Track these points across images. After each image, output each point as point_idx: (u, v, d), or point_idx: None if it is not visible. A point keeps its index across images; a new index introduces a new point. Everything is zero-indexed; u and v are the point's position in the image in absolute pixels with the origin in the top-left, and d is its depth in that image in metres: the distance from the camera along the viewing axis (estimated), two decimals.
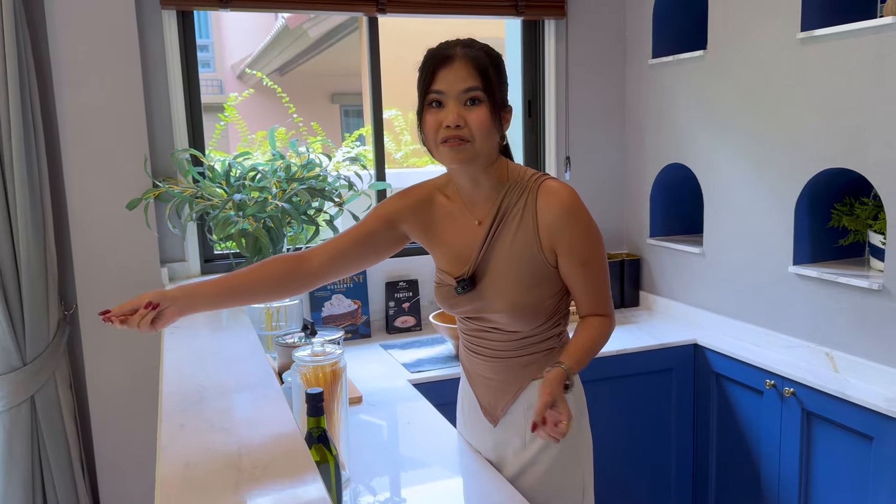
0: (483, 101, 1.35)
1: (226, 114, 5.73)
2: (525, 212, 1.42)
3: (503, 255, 1.44)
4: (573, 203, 1.41)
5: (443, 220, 1.51)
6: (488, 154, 1.40)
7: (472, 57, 1.36)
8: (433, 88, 1.36)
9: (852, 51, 2.04)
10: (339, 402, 1.56)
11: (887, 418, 1.89)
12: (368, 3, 2.60)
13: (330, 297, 2.67)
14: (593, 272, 1.44)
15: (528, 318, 1.45)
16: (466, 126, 1.35)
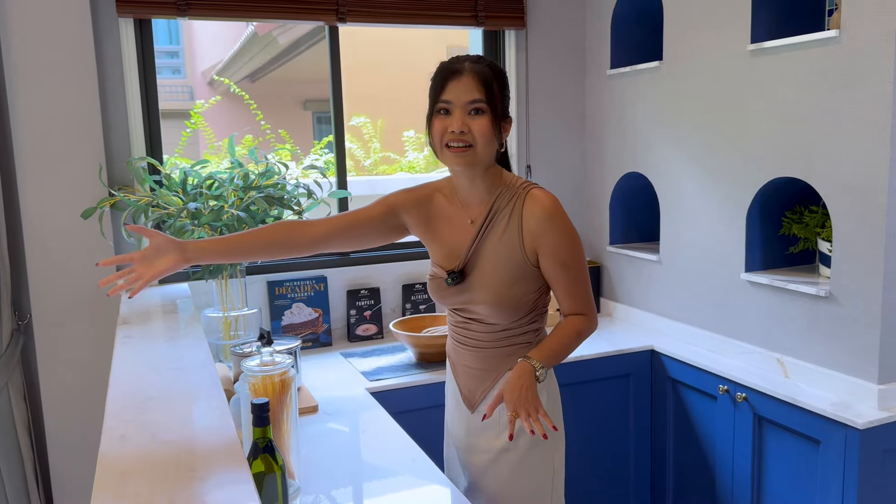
0: (485, 112, 1.51)
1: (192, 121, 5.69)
2: (512, 215, 1.56)
3: (490, 253, 1.58)
4: (554, 210, 1.55)
5: (440, 217, 1.66)
6: (487, 159, 1.55)
7: (478, 72, 1.52)
8: (442, 98, 1.52)
9: (800, 62, 2.09)
10: (288, 412, 1.56)
11: (833, 422, 1.93)
12: (328, 12, 2.61)
13: (290, 306, 2.66)
14: (573, 273, 1.57)
15: (509, 312, 1.58)
16: (470, 133, 1.50)
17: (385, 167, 6.14)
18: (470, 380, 1.67)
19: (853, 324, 1.99)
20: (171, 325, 2.05)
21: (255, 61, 9.14)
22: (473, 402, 1.68)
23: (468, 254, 1.59)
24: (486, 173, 1.58)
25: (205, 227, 2.18)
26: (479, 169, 1.56)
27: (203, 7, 2.44)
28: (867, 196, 1.92)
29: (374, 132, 6.03)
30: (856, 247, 1.97)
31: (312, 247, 1.67)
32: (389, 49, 7.78)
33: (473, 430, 1.68)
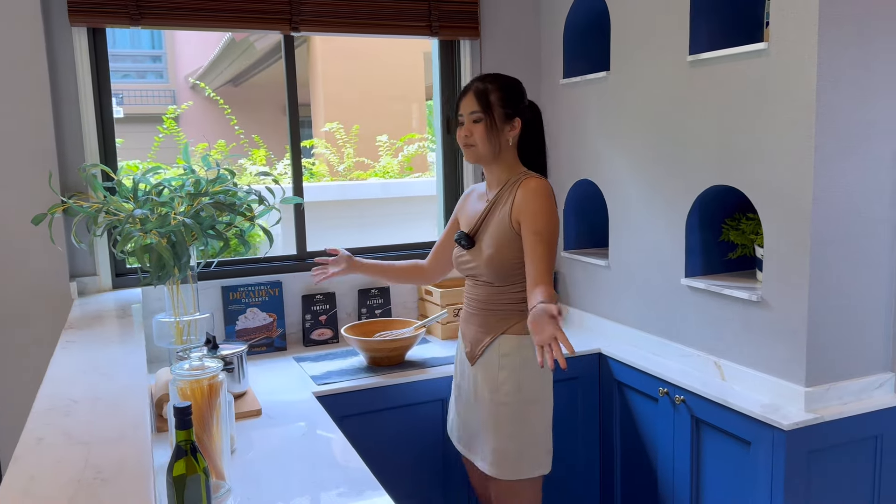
0: (482, 119, 1.96)
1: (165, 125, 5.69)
2: (509, 197, 1.97)
3: (491, 225, 2.00)
4: (539, 189, 1.93)
5: (472, 201, 2.15)
6: (490, 154, 1.99)
7: (477, 89, 1.98)
8: (458, 113, 2.02)
9: (734, 74, 2.15)
10: (218, 416, 1.59)
11: (762, 424, 1.99)
12: (282, 21, 2.65)
13: (244, 311, 2.70)
14: (541, 243, 1.89)
15: (499, 272, 1.98)
16: (472, 136, 1.97)
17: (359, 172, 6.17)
18: (473, 337, 2.06)
19: (783, 328, 2.04)
20: (116, 330, 2.09)
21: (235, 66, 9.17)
22: (475, 356, 2.06)
23: (478, 224, 2.03)
24: (498, 165, 2.02)
25: (152, 232, 2.21)
26: (487, 161, 2.01)
27: (156, 16, 2.48)
28: (794, 204, 1.98)
29: (349, 138, 6.06)
30: (784, 253, 2.02)
31: (428, 279, 2.36)
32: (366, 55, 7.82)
33: (477, 379, 2.05)
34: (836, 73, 1.91)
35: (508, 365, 1.99)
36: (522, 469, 2.00)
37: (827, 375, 2.01)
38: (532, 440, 2.00)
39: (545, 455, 2.03)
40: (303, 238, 2.90)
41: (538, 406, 2.01)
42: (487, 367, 2.01)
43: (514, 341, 2.00)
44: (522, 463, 2.00)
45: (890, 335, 2.08)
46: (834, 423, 1.98)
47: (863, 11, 1.92)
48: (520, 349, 1.99)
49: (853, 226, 2.00)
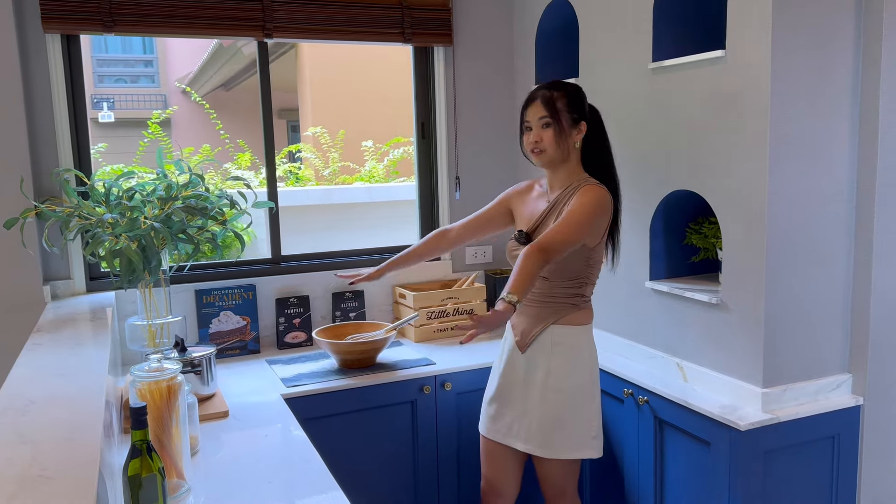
0: (551, 125, 2.06)
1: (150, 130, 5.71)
2: (570, 200, 2.07)
3: (549, 225, 2.08)
4: (591, 191, 2.05)
5: (531, 199, 2.25)
6: (559, 158, 2.10)
7: (544, 96, 2.08)
8: (525, 120, 2.12)
9: (694, 80, 2.19)
10: (177, 417, 1.62)
11: (720, 424, 2.02)
12: (255, 28, 2.69)
13: (218, 314, 2.73)
14: (565, 220, 2.00)
15: (555, 269, 2.06)
16: (542, 141, 2.07)
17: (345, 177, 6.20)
18: (524, 327, 2.15)
19: (740, 330, 2.08)
20: (84, 333, 2.11)
21: (225, 71, 9.20)
22: (525, 345, 2.15)
23: (537, 221, 2.15)
24: (563, 169, 2.13)
25: (122, 236, 2.24)
26: (555, 165, 2.12)
27: (129, 24, 2.51)
28: (750, 208, 2.02)
29: (334, 142, 6.09)
30: (741, 256, 2.06)
31: (453, 245, 2.44)
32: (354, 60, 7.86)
33: (528, 367, 2.15)
34: (790, 79, 1.95)
35: (560, 353, 2.11)
36: (568, 449, 2.11)
37: (784, 377, 2.05)
38: (581, 423, 2.12)
39: (592, 439, 2.14)
40: (277, 242, 2.93)
41: (588, 393, 2.13)
42: (539, 355, 2.13)
43: (565, 331, 2.12)
44: (569, 443, 2.11)
45: (847, 337, 2.12)
46: (790, 423, 2.01)
47: (814, 19, 1.96)
48: (571, 338, 2.12)
49: (809, 229, 2.04)
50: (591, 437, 2.14)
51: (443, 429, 2.55)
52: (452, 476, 2.59)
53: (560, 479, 2.18)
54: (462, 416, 2.57)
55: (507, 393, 2.20)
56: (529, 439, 2.14)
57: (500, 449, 2.23)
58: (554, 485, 2.19)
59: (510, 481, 2.26)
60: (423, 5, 2.91)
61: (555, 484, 2.19)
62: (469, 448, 2.60)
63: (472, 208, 3.09)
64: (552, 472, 2.17)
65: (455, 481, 2.60)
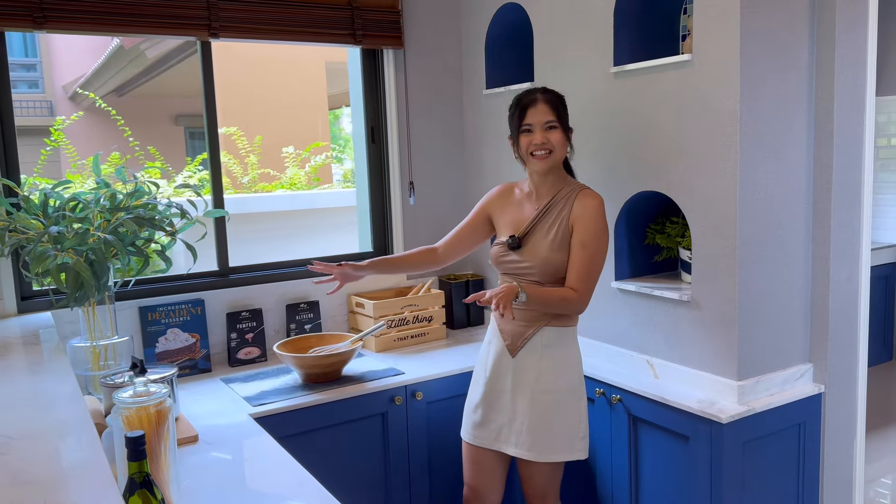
0: (558, 127, 2.08)
1: (52, 138, 5.31)
2: (566, 205, 2.09)
3: (544, 229, 2.10)
4: (596, 204, 2.08)
5: (513, 204, 2.22)
6: (560, 161, 2.13)
7: (548, 100, 2.09)
8: (525, 122, 2.09)
9: (658, 84, 2.24)
10: (166, 444, 1.49)
11: (699, 418, 2.07)
12: (200, 27, 2.54)
13: (165, 332, 2.55)
14: (586, 254, 2.05)
15: (551, 272, 2.08)
16: (549, 142, 2.07)
17: (264, 184, 6.00)
18: (514, 331, 2.13)
19: (713, 326, 2.14)
20: (34, 357, 1.92)
21: (122, 75, 8.70)
22: (516, 348, 2.13)
23: (529, 226, 2.11)
24: (556, 173, 2.14)
25: (69, 251, 2.05)
26: (555, 168, 2.12)
27: (63, 20, 2.31)
28: (721, 208, 2.09)
29: (252, 148, 5.88)
30: (712, 255, 2.13)
31: (440, 263, 2.36)
32: (266, 63, 7.64)
33: (519, 370, 2.13)
34: (757, 84, 2.03)
35: (550, 355, 2.11)
36: (558, 451, 2.11)
37: (756, 369, 2.13)
38: (570, 425, 2.12)
39: (580, 440, 2.14)
40: (224, 253, 2.78)
41: (576, 394, 2.13)
42: (529, 358, 2.11)
43: (555, 332, 2.11)
44: (559, 445, 2.11)
45: (808, 328, 2.23)
46: (764, 413, 2.09)
47: (778, 26, 2.05)
48: (560, 339, 2.12)
49: (774, 227, 2.12)
50: (579, 437, 2.14)
51: (414, 440, 2.48)
52: (425, 488, 2.53)
53: (546, 481, 2.17)
54: (432, 426, 2.52)
55: (496, 398, 2.17)
56: (520, 443, 2.12)
57: (487, 455, 2.20)
58: (539, 487, 2.18)
59: (495, 487, 2.23)
60: (373, 7, 2.84)
61: (540, 486, 2.18)
62: (440, 458, 2.55)
63: (428, 213, 3.06)
64: (538, 474, 2.16)
65: (427, 493, 2.54)
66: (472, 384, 2.26)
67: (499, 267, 2.18)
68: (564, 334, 2.13)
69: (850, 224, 2.20)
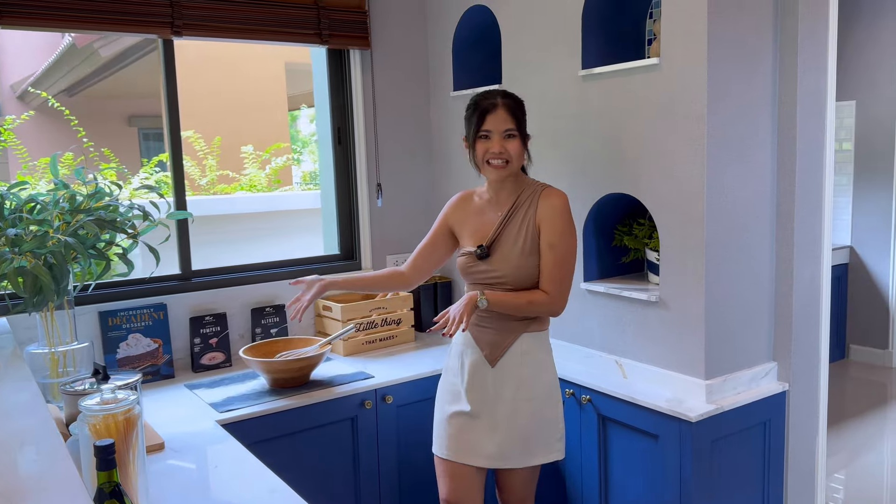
0: (516, 136, 2.01)
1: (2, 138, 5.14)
2: (530, 206, 2.04)
3: (511, 234, 2.04)
4: (560, 203, 2.03)
5: (474, 212, 2.15)
6: (518, 168, 2.06)
7: (508, 105, 2.01)
8: (483, 128, 2.01)
9: (626, 87, 2.27)
10: (135, 452, 1.45)
11: (668, 417, 2.10)
12: (163, 25, 2.48)
13: (126, 337, 2.48)
14: (555, 255, 2.00)
15: (524, 277, 2.02)
16: (507, 152, 2.00)
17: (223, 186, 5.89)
18: (491, 341, 2.07)
19: (680, 326, 2.17)
20: None
21: (74, 74, 8.46)
22: (496, 358, 2.07)
23: (495, 234, 2.05)
24: (517, 178, 2.08)
25: (27, 254, 1.98)
26: (513, 176, 2.05)
27: (17, 16, 2.23)
28: (689, 210, 2.12)
29: (210, 149, 5.77)
30: (680, 256, 2.16)
31: (409, 284, 2.29)
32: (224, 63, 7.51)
33: (498, 381, 2.07)
34: (723, 88, 2.07)
35: (530, 362, 2.07)
36: (537, 455, 2.09)
37: (723, 368, 2.16)
38: (549, 428, 2.10)
39: (557, 441, 2.12)
40: (187, 256, 2.72)
41: (553, 398, 2.11)
42: (510, 367, 2.07)
43: (532, 338, 2.08)
44: (539, 449, 2.08)
45: (772, 327, 2.28)
46: (731, 412, 2.12)
47: (743, 31, 2.10)
48: (537, 344, 2.09)
49: (740, 228, 2.16)
50: (556, 438, 2.12)
51: (384, 444, 2.46)
52: (395, 491, 2.50)
53: (525, 486, 2.16)
54: (402, 430, 2.50)
55: (476, 410, 2.08)
56: (502, 455, 2.06)
57: (464, 468, 2.11)
58: (518, 492, 2.16)
59: (476, 498, 2.14)
60: (340, 7, 2.82)
61: (519, 492, 2.16)
62: (411, 462, 2.53)
63: (395, 215, 3.04)
64: (518, 480, 2.14)
65: (397, 497, 2.52)
66: (442, 397, 2.18)
67: (467, 277, 2.12)
68: (541, 339, 2.10)
69: (813, 225, 2.25)
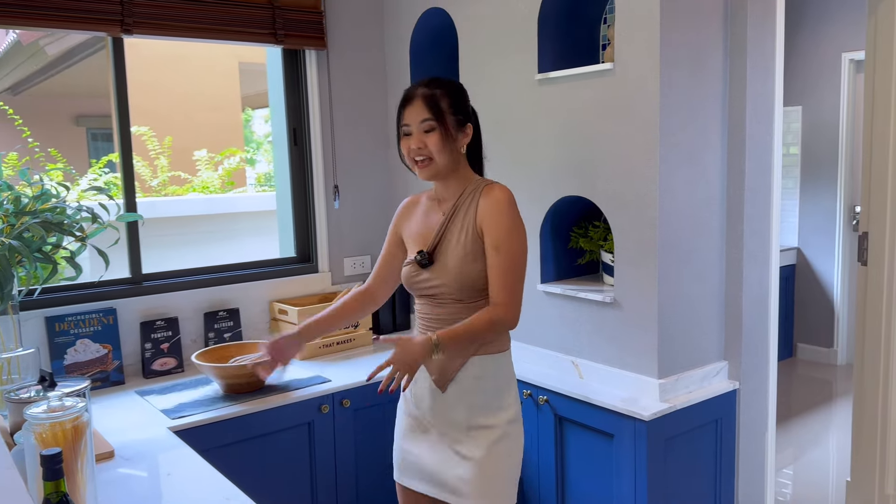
0: (435, 129, 1.76)
1: None
2: (471, 206, 1.80)
3: (453, 239, 1.80)
4: (502, 199, 1.78)
5: (420, 214, 1.93)
6: (448, 166, 1.80)
7: (425, 95, 1.77)
8: (402, 122, 1.80)
9: (581, 91, 2.29)
10: (83, 461, 1.41)
11: (623, 416, 2.13)
12: (112, 23, 2.42)
13: (74, 343, 2.41)
14: (503, 259, 1.75)
15: (468, 288, 1.78)
16: (426, 147, 1.76)
17: (175, 187, 5.78)
18: (441, 364, 1.81)
19: (635, 326, 2.21)
20: None
21: (18, 73, 8.19)
22: (445, 382, 1.83)
23: (436, 237, 1.82)
24: (456, 175, 1.83)
25: None
26: (444, 174, 1.81)
27: None
28: (642, 212, 2.15)
29: (162, 149, 5.65)
30: (634, 257, 2.19)
31: (379, 302, 2.04)
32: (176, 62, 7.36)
33: (450, 408, 1.83)
34: (675, 92, 2.11)
35: (485, 387, 1.81)
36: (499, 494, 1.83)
37: (675, 367, 2.20)
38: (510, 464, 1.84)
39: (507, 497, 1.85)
40: (137, 259, 2.65)
41: (515, 428, 1.85)
42: (462, 392, 1.81)
43: (488, 361, 1.81)
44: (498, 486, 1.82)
45: (723, 327, 2.33)
46: (684, 410, 2.16)
47: (694, 37, 2.14)
48: (494, 368, 1.82)
49: (690, 230, 2.21)
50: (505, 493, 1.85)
51: (341, 449, 2.44)
52: (352, 499, 2.48)
53: None
54: (359, 434, 2.48)
55: (424, 437, 1.87)
56: (457, 490, 1.81)
57: (421, 498, 1.92)
58: None
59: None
60: (295, 7, 2.79)
61: None
62: (368, 469, 2.51)
63: (353, 217, 3.02)
64: None
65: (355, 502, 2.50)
66: (398, 416, 1.98)
67: (412, 290, 1.88)
68: (498, 361, 1.84)
69: (761, 228, 2.31)
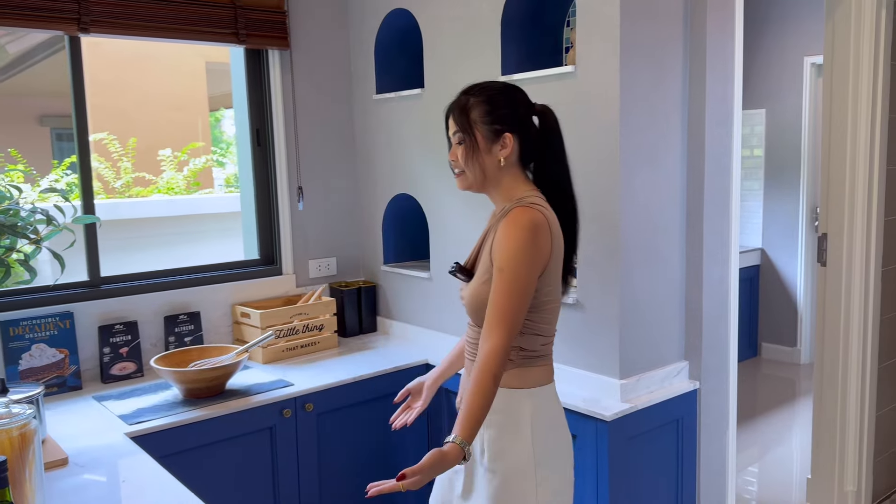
0: (463, 141, 1.65)
1: None
2: (498, 225, 1.62)
3: (482, 257, 1.66)
4: (515, 219, 1.57)
5: None
6: (480, 179, 1.66)
7: (458, 104, 1.67)
8: (448, 135, 1.71)
9: (544, 93, 2.29)
10: (31, 470, 1.38)
11: (585, 417, 2.14)
12: (68, 21, 2.37)
13: (29, 348, 2.35)
14: (502, 282, 1.55)
15: (478, 310, 1.63)
16: (458, 161, 1.67)
17: (139, 189, 5.69)
18: (463, 389, 1.74)
19: (597, 327, 2.22)
20: None
21: None
22: None
23: (474, 252, 1.72)
24: (498, 189, 1.68)
25: None
26: (483, 187, 1.69)
27: None
28: (604, 214, 2.16)
29: (125, 150, 5.56)
30: (596, 259, 2.20)
31: None
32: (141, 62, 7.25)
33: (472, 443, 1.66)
34: (635, 94, 2.12)
35: (495, 423, 1.61)
36: None
37: (636, 367, 2.22)
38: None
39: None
40: (95, 262, 2.60)
41: (528, 478, 1.60)
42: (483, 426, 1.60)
43: (503, 395, 1.60)
44: None
45: (683, 327, 2.35)
46: (645, 410, 2.18)
47: (654, 39, 2.16)
48: (510, 404, 1.62)
49: (651, 232, 2.23)
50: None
51: (304, 454, 2.41)
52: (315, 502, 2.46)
53: None
54: (323, 439, 2.46)
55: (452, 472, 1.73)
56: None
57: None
58: None
59: None
60: (258, 6, 2.76)
61: None
62: (331, 473, 2.49)
63: (318, 219, 3.00)
64: None
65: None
66: None
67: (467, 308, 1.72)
68: (517, 398, 1.63)
69: (721, 229, 2.34)
